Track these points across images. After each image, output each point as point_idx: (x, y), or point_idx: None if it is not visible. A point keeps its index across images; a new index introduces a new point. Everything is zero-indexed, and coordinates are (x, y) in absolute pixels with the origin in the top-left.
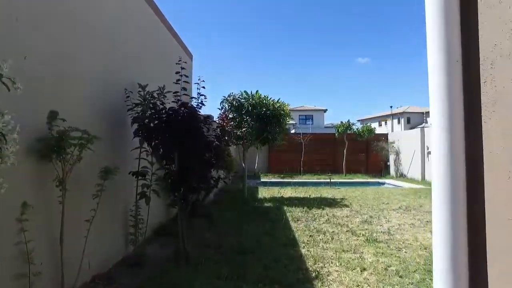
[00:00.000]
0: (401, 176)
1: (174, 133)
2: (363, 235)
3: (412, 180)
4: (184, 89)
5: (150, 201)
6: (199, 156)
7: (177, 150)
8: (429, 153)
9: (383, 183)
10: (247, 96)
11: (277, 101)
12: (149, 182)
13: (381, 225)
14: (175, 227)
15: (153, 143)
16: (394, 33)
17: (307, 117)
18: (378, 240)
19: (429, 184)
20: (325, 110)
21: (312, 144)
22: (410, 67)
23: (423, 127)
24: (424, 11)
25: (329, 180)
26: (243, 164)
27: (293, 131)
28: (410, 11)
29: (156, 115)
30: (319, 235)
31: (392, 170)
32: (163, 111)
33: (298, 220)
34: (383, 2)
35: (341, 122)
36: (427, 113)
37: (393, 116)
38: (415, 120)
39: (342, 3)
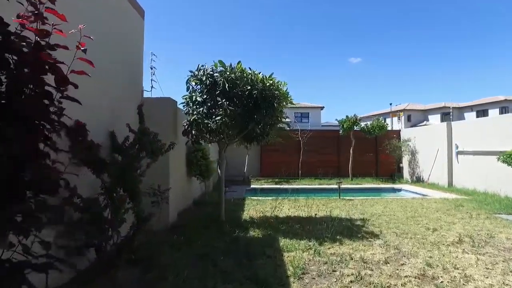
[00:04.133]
0: (418, 180)
1: None
2: None
3: (435, 186)
4: None
5: None
6: None
7: None
8: (459, 152)
9: (399, 190)
10: (223, 69)
11: (269, 77)
12: None
13: None
14: None
15: None
16: (388, 34)
17: (303, 115)
18: None
19: (463, 192)
20: (322, 108)
21: (312, 142)
22: (407, 67)
23: (449, 122)
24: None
25: (337, 187)
26: (219, 171)
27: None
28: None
29: None
30: None
31: (406, 174)
32: None
33: (305, 274)
34: (376, 3)
35: (347, 116)
36: (430, 110)
37: (392, 113)
38: (416, 118)
39: (336, 4)
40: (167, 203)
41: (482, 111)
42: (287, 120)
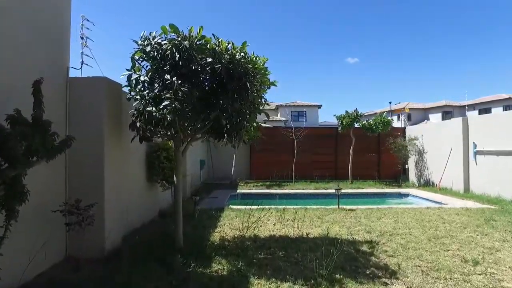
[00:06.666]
0: (426, 184)
1: None
2: None
3: (448, 192)
4: None
5: None
6: None
7: None
8: (476, 152)
9: (407, 195)
10: (176, 36)
11: (242, 47)
12: None
13: None
14: None
15: None
16: (386, 33)
17: (299, 113)
18: None
19: (486, 199)
20: (319, 106)
21: (307, 141)
22: (405, 66)
23: (465, 117)
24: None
25: (335, 192)
26: (175, 177)
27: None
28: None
29: None
30: None
31: (412, 176)
32: None
33: None
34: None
35: (347, 112)
36: (430, 109)
37: (396, 110)
38: (416, 117)
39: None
40: (91, 225)
41: (484, 110)
42: (282, 118)
